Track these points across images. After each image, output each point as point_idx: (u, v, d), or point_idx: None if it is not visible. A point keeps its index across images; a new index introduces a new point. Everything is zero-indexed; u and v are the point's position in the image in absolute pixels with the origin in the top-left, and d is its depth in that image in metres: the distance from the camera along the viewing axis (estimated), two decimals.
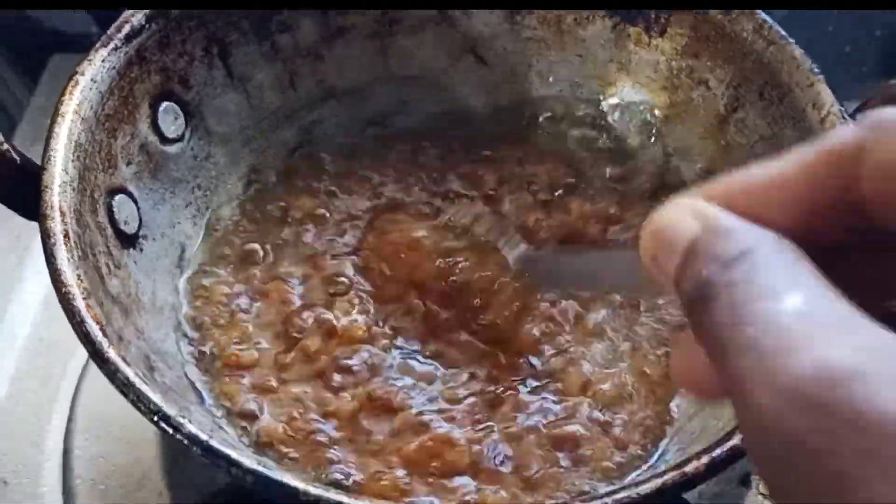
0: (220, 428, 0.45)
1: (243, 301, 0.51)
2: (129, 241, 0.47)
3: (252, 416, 0.46)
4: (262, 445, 0.45)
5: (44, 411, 0.56)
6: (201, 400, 0.46)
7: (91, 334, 0.37)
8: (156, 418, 0.36)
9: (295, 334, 0.49)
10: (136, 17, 0.48)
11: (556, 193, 0.55)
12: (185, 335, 0.49)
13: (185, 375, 0.47)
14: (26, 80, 0.81)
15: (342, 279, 0.52)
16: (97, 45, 0.47)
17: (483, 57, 0.58)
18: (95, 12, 0.50)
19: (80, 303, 0.38)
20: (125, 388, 0.36)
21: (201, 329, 0.49)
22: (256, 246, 0.53)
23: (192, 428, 0.36)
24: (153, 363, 0.44)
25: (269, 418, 0.46)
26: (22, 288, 0.60)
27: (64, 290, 0.39)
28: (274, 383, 0.47)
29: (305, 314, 0.50)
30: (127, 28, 0.48)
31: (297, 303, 0.51)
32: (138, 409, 0.36)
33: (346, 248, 0.53)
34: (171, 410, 0.36)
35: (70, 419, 0.54)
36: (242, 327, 0.49)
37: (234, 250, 0.53)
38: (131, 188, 0.49)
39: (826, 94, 0.47)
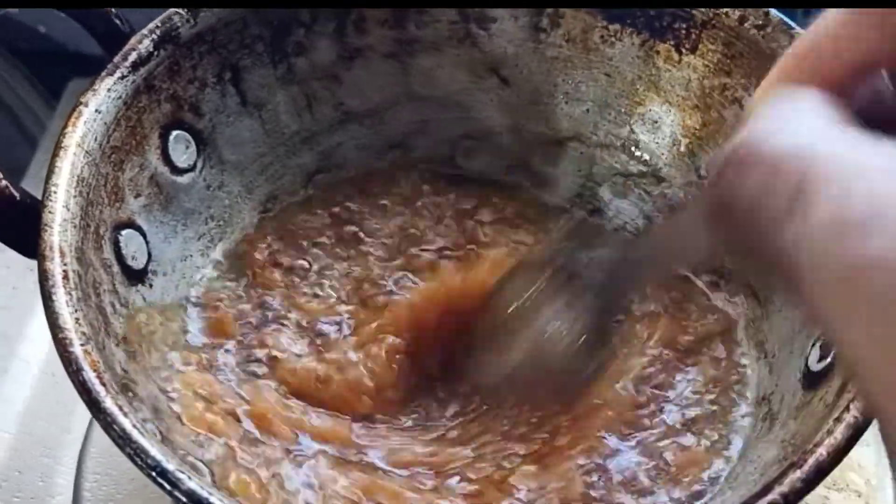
0: None
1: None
2: (136, 276, 0.46)
3: None
4: None
5: (54, 448, 0.55)
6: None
7: (87, 382, 0.36)
8: (153, 474, 0.34)
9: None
10: (144, 44, 0.47)
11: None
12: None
13: None
14: (49, 103, 0.81)
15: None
16: (102, 74, 0.45)
17: (506, 77, 0.56)
18: (102, 38, 0.48)
19: (77, 349, 0.37)
20: (122, 440, 0.35)
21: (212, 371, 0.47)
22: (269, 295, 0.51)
23: (191, 484, 0.34)
24: (160, 404, 0.42)
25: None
26: (35, 321, 0.59)
27: (61, 335, 0.37)
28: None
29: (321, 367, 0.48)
30: (133, 56, 0.46)
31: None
32: (135, 462, 0.34)
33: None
34: (169, 465, 0.34)
35: (81, 457, 0.53)
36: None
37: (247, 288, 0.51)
38: (140, 222, 0.47)
39: None
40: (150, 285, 0.47)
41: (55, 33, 0.79)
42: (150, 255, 0.47)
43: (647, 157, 0.55)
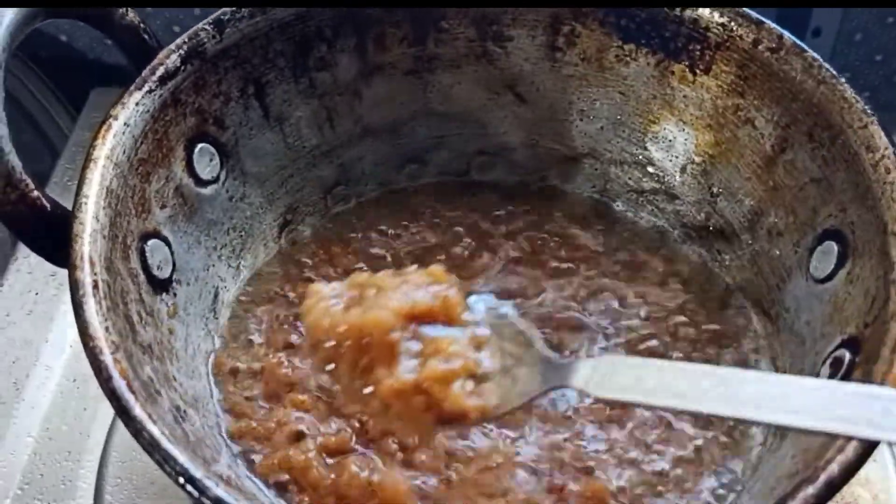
0: (249, 477, 0.45)
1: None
2: (161, 286, 0.47)
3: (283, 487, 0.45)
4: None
5: (76, 451, 0.56)
6: (230, 448, 0.46)
7: (118, 390, 0.37)
8: (182, 480, 0.35)
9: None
10: (171, 59, 0.48)
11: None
12: (219, 383, 0.48)
13: (217, 424, 0.46)
14: (70, 112, 0.82)
15: None
16: (131, 88, 0.47)
17: (522, 94, 0.57)
18: (130, 52, 0.49)
19: (107, 357, 0.38)
20: (151, 447, 0.36)
21: (235, 377, 0.49)
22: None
23: (218, 491, 0.35)
24: (183, 412, 0.43)
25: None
26: (56, 328, 0.61)
27: (91, 343, 0.38)
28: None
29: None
30: (161, 70, 0.48)
31: None
32: (163, 469, 0.35)
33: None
34: (197, 472, 0.35)
35: (102, 461, 0.54)
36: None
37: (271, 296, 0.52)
38: (165, 232, 0.48)
39: (880, 137, 0.45)
40: (175, 294, 0.48)
41: (76, 42, 0.81)
42: (174, 264, 0.48)
43: (660, 174, 0.56)
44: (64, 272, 0.42)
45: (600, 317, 0.52)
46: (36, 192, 0.42)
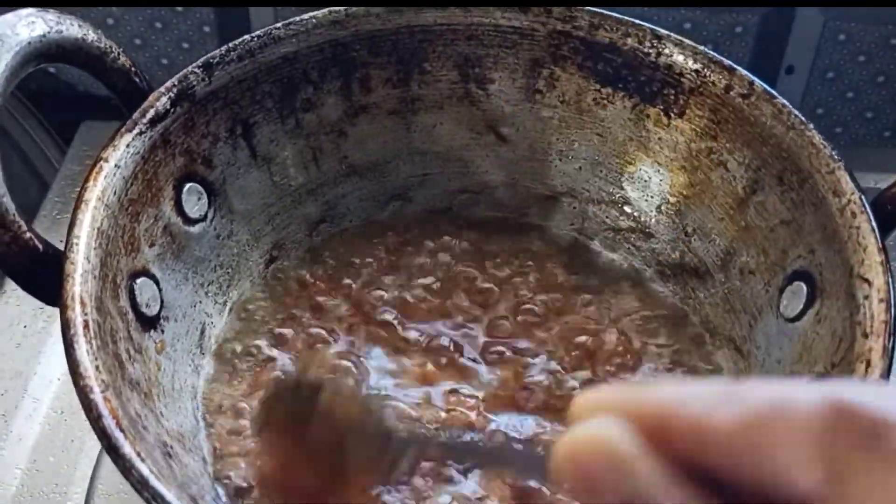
0: None
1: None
2: (149, 323, 0.48)
3: None
4: None
5: (64, 483, 0.56)
6: (215, 485, 0.47)
7: (107, 429, 0.38)
8: None
9: None
10: (161, 102, 0.49)
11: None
12: (205, 419, 0.49)
13: (203, 460, 0.47)
14: (60, 144, 0.83)
15: None
16: (122, 130, 0.48)
17: (504, 134, 0.59)
18: (121, 95, 0.50)
19: (97, 396, 0.39)
20: (140, 485, 0.37)
21: (221, 413, 0.50)
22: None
23: None
24: (170, 449, 0.44)
25: None
26: (44, 360, 0.61)
27: (82, 382, 0.39)
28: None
29: None
30: (151, 112, 0.49)
31: None
32: None
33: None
34: None
35: (89, 493, 0.55)
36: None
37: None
38: (154, 270, 0.49)
39: (846, 182, 0.46)
40: (162, 331, 0.49)
41: (65, 75, 0.82)
42: (162, 301, 0.49)
43: (636, 213, 0.58)
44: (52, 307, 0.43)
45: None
46: (28, 234, 0.43)
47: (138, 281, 0.48)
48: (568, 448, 0.22)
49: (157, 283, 0.49)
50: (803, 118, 0.49)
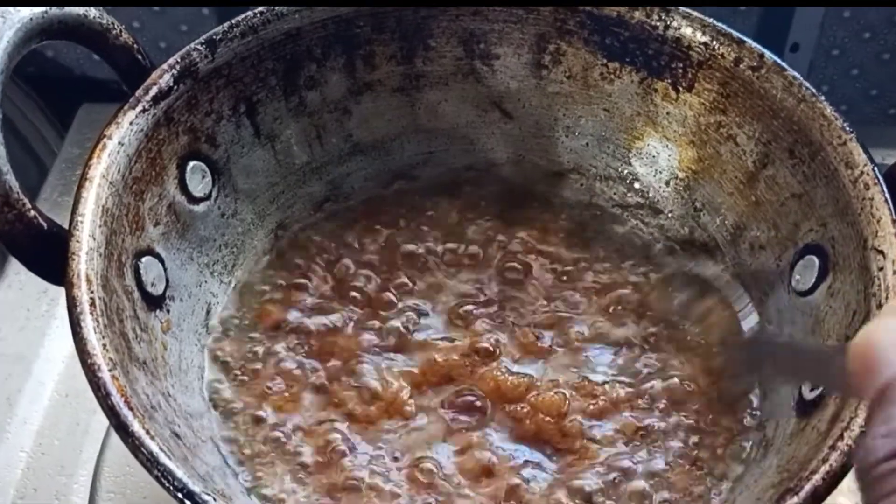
0: (243, 492, 0.45)
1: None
2: (155, 302, 0.47)
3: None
4: None
5: (69, 466, 0.56)
6: (226, 463, 0.46)
7: (116, 407, 0.37)
8: (180, 495, 0.35)
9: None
10: (164, 79, 0.49)
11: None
12: (212, 398, 0.49)
13: (212, 439, 0.46)
14: (58, 128, 0.82)
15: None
16: (125, 108, 0.47)
17: (509, 111, 0.58)
18: (124, 73, 0.49)
19: (105, 374, 0.38)
20: (149, 463, 0.36)
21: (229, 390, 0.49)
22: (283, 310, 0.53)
23: None
24: (178, 428, 0.43)
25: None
26: (48, 342, 0.61)
27: (89, 360, 0.39)
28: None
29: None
30: (154, 90, 0.48)
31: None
32: (162, 484, 0.36)
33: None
34: (195, 487, 0.36)
35: (95, 475, 0.54)
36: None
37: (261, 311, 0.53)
38: (159, 249, 0.49)
39: (859, 154, 0.46)
40: (168, 310, 0.48)
41: (64, 58, 0.81)
42: (167, 281, 0.49)
43: (644, 189, 0.57)
44: (55, 288, 0.43)
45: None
46: (32, 212, 0.43)
47: (143, 260, 0.47)
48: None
49: (162, 262, 0.49)
50: (814, 90, 0.49)
